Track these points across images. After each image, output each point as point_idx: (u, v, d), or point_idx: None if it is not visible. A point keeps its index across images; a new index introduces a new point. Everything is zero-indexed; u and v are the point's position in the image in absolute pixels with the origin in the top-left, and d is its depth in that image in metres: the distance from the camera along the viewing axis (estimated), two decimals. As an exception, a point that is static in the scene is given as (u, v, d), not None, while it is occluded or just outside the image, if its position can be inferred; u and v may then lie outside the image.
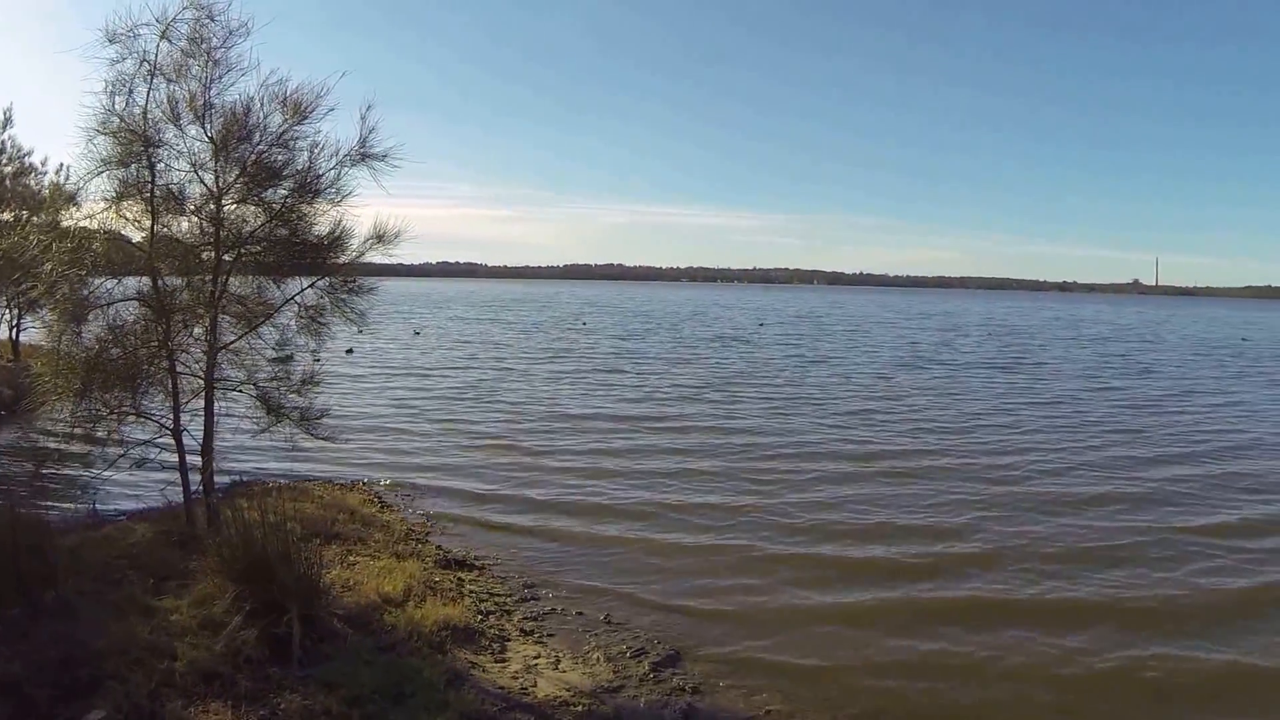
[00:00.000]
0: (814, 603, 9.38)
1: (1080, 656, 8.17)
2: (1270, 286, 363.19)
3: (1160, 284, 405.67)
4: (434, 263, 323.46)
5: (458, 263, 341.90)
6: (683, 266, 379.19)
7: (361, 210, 9.63)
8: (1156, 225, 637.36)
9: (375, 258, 9.88)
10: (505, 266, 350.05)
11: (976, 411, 23.15)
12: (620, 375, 29.96)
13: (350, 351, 34.31)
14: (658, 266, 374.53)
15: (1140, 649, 8.32)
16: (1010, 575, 10.37)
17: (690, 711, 6.83)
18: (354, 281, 9.77)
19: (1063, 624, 8.85)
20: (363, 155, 9.36)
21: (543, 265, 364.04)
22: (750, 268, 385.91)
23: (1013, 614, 9.25)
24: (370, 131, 9.31)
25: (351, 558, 9.13)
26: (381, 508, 12.17)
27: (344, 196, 9.39)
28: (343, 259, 9.70)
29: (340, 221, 9.51)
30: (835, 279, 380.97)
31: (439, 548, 10.45)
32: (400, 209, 10.11)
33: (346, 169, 9.36)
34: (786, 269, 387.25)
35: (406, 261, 11.51)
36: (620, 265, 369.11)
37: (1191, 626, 8.88)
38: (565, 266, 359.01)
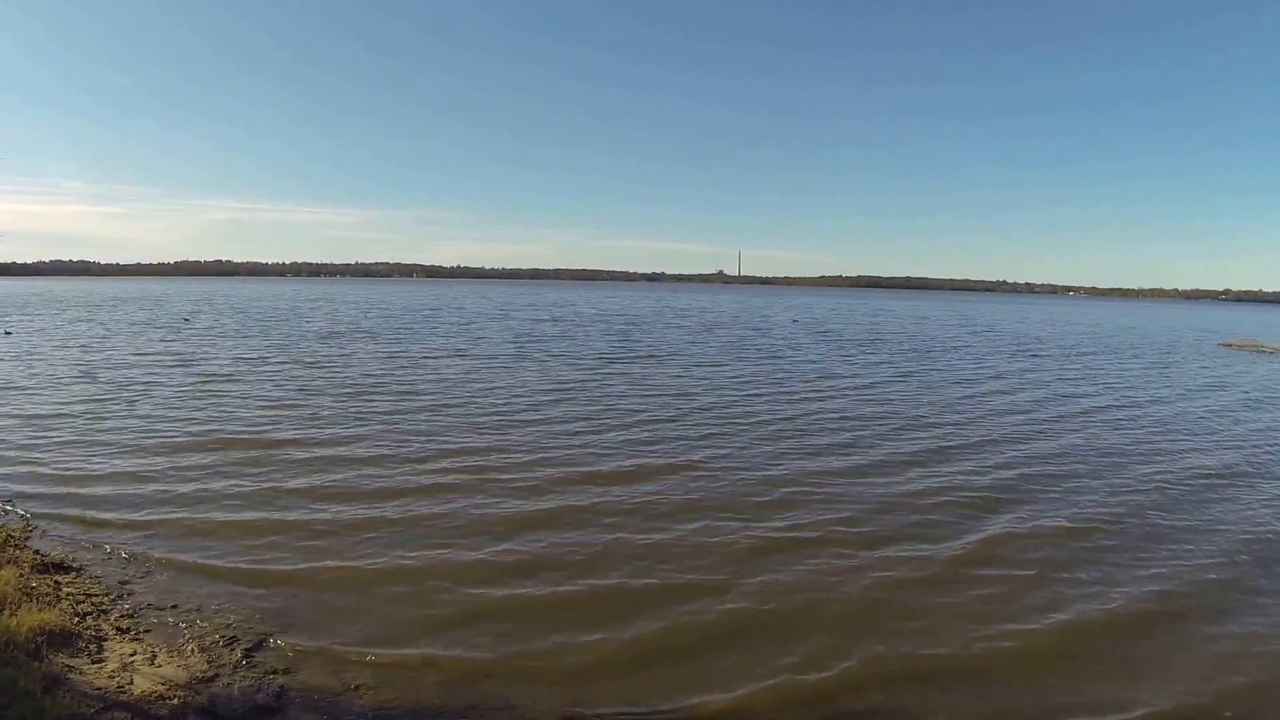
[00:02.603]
0: (395, 579, 10.06)
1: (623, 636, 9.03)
2: (840, 276, 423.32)
3: (743, 274, 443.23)
4: (47, 261, 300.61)
5: (71, 261, 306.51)
6: (287, 262, 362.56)
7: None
8: (738, 221, 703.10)
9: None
10: (117, 264, 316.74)
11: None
12: (227, 383, 26.47)
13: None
14: (264, 262, 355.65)
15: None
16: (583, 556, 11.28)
17: (282, 693, 7.29)
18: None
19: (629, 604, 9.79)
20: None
21: (153, 263, 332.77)
22: (352, 262, 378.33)
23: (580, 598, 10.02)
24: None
25: (-55, 572, 8.72)
26: (-21, 517, 11.36)
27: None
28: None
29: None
30: (434, 272, 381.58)
31: (37, 552, 10.20)
32: (10, 206, 9.68)
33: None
34: (387, 263, 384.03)
35: (19, 260, 10.94)
36: (229, 262, 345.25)
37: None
38: (175, 264, 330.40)
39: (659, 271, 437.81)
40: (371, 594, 9.76)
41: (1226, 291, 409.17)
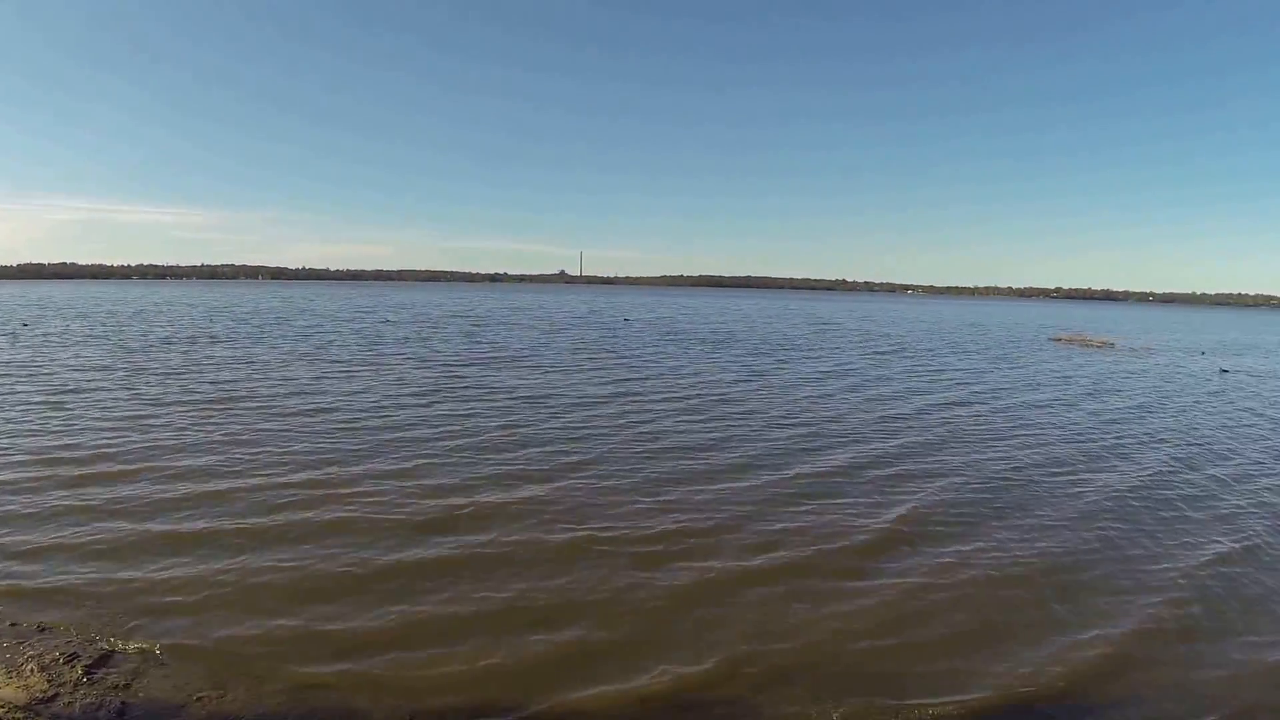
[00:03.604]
0: (237, 581, 10.05)
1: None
2: (683, 276, 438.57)
3: (585, 274, 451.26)
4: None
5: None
6: (134, 264, 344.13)
7: None
8: (580, 221, 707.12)
9: None
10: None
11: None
12: (73, 395, 24.37)
13: None
14: (110, 265, 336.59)
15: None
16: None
17: (124, 710, 7.29)
18: None
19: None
20: None
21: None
22: (199, 264, 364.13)
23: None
24: None
25: None
26: None
27: None
28: None
29: None
30: (280, 274, 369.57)
31: None
32: None
33: None
34: (234, 265, 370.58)
35: None
36: (74, 264, 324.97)
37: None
38: (18, 266, 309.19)
39: (501, 272, 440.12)
40: (219, 598, 9.77)
41: (1058, 289, 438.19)
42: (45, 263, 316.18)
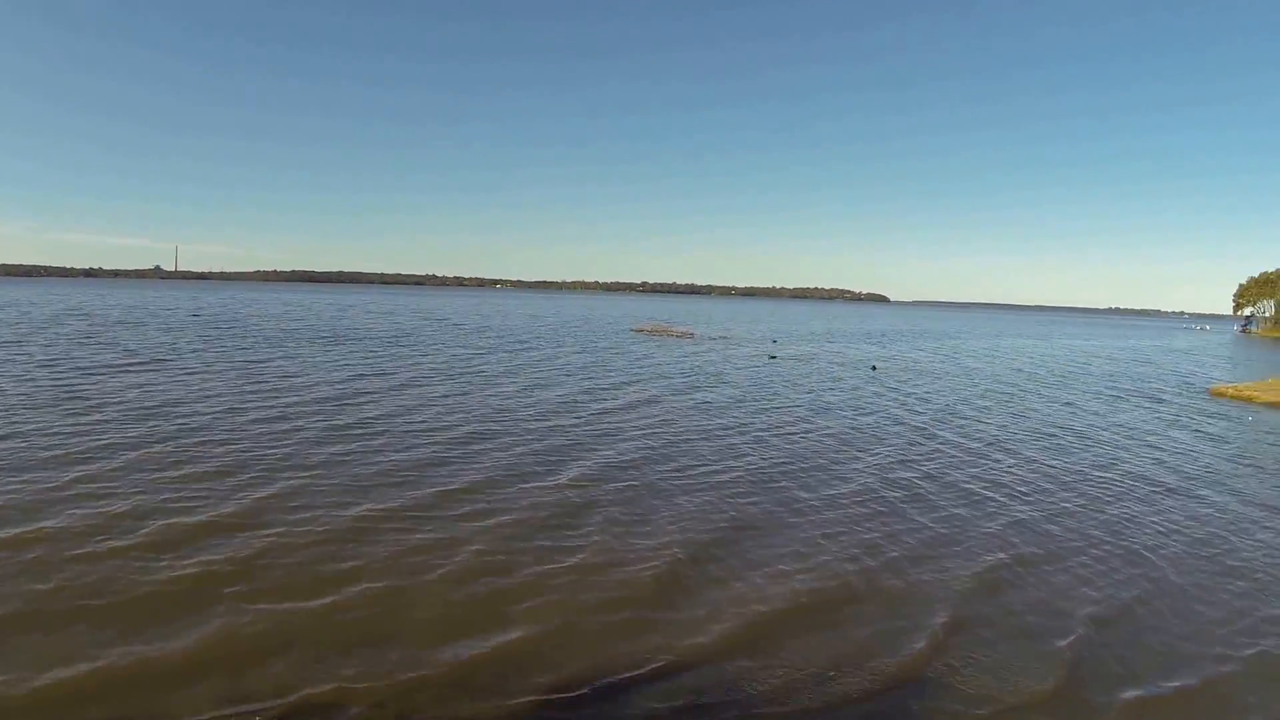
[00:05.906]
0: None
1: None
2: (277, 271, 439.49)
3: (180, 269, 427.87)
4: None
5: None
6: None
7: None
8: (175, 213, 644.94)
9: None
10: None
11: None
12: None
13: None
14: None
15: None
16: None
17: None
18: None
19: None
20: None
21: None
22: None
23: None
24: None
25: None
26: None
27: None
28: None
29: None
30: None
31: None
32: None
33: None
34: None
35: None
36: None
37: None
38: None
39: (97, 267, 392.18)
40: None
41: (644, 284, 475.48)
42: None
